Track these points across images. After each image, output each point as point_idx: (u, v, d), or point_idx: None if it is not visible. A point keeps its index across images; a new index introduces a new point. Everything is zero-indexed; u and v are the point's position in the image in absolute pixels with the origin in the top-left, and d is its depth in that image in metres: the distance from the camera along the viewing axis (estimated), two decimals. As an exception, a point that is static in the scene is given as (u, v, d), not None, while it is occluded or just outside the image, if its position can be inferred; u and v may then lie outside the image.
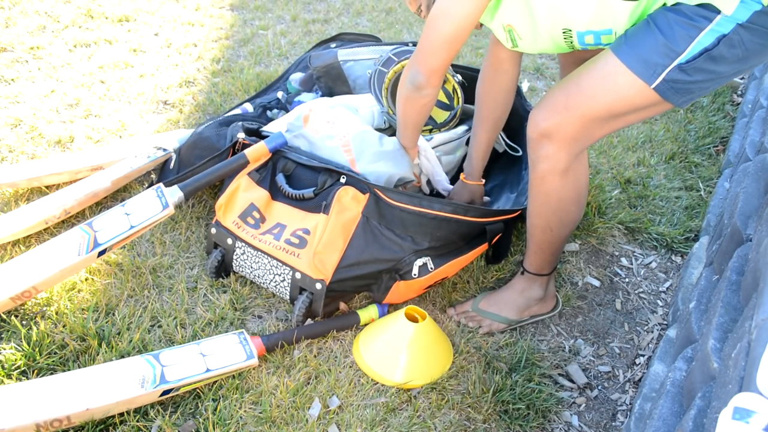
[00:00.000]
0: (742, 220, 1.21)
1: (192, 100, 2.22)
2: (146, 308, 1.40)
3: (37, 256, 1.36)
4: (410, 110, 1.43)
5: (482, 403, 1.29)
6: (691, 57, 1.10)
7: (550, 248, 1.43)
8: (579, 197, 1.37)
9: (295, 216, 1.46)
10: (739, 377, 0.72)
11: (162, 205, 1.40)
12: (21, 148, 1.86)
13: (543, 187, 1.32)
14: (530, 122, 1.27)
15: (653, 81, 1.13)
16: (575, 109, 1.21)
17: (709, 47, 1.09)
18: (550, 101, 1.24)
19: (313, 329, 1.37)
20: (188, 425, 1.17)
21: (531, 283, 1.49)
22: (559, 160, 1.27)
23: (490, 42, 1.49)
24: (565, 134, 1.23)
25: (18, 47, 2.39)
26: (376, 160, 1.50)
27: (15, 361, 1.23)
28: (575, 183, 1.33)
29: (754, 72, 2.70)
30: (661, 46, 1.11)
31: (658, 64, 1.12)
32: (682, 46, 1.10)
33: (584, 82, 1.20)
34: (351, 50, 1.93)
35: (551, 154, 1.26)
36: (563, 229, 1.39)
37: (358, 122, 1.62)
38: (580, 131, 1.23)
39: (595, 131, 1.24)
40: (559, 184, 1.31)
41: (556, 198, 1.33)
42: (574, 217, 1.39)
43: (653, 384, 1.27)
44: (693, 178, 2.12)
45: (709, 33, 1.08)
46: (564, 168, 1.28)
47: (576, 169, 1.31)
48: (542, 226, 1.39)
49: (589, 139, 1.26)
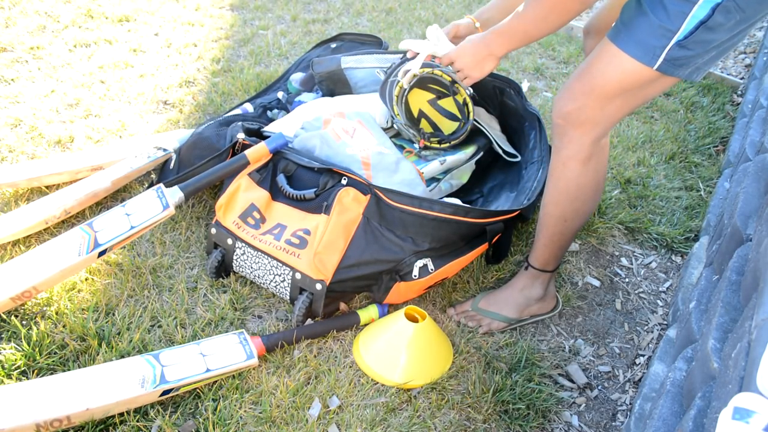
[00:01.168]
0: (742, 220, 1.21)
1: (192, 100, 2.22)
2: (146, 308, 1.40)
3: (37, 256, 1.36)
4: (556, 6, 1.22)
5: (482, 403, 1.29)
6: (688, 32, 1.11)
7: (561, 240, 1.43)
8: (597, 188, 1.39)
9: (295, 216, 1.46)
10: (739, 377, 0.72)
11: (162, 205, 1.40)
12: (21, 148, 1.86)
13: (564, 174, 1.34)
14: (554, 109, 1.31)
15: (654, 63, 1.16)
16: (590, 92, 1.24)
17: (705, 19, 1.10)
18: (568, 88, 1.28)
19: (313, 329, 1.37)
20: (188, 425, 1.17)
21: (533, 280, 1.49)
22: (583, 144, 1.29)
23: None
24: (587, 116, 1.26)
25: (18, 47, 2.39)
26: (391, 184, 1.50)
27: (15, 361, 1.23)
28: (595, 173, 1.35)
29: (754, 72, 2.70)
30: (656, 28, 1.13)
31: (656, 47, 1.14)
32: (677, 23, 1.11)
33: (593, 68, 1.23)
34: (355, 58, 1.91)
35: (576, 139, 1.29)
36: (577, 220, 1.40)
37: (375, 140, 1.61)
38: (598, 112, 1.26)
39: (612, 111, 1.26)
40: (580, 171, 1.32)
41: (576, 185, 1.34)
42: (590, 208, 1.41)
43: (653, 384, 1.27)
44: (693, 178, 2.12)
45: (703, 5, 1.09)
46: (587, 155, 1.30)
47: (598, 157, 1.33)
48: (557, 215, 1.39)
49: (608, 121, 1.28)
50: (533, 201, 1.58)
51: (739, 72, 2.96)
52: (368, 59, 1.91)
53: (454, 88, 1.72)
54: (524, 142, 1.81)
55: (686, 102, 2.58)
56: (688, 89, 2.67)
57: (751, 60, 3.05)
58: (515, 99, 1.85)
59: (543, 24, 1.26)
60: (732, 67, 3.01)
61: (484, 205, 1.74)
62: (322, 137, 1.56)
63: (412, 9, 3.26)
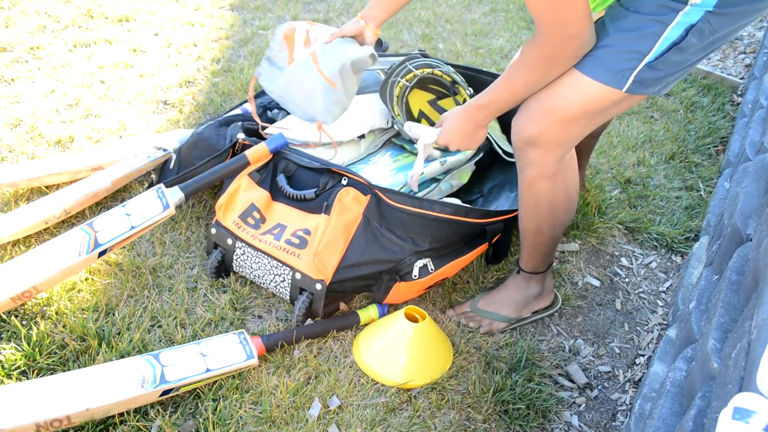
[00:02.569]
0: (742, 220, 1.21)
1: (192, 100, 2.22)
2: (146, 308, 1.40)
3: (37, 256, 1.36)
4: (550, 71, 1.16)
5: (482, 403, 1.29)
6: (659, 53, 1.09)
7: (544, 249, 1.43)
8: (569, 200, 1.36)
9: (295, 216, 1.46)
10: (739, 377, 0.72)
11: (163, 205, 1.40)
12: (21, 148, 1.86)
13: (532, 193, 1.32)
14: (513, 131, 1.27)
15: (623, 86, 1.13)
16: (552, 114, 1.20)
17: (677, 40, 1.07)
18: (528, 110, 1.23)
19: (313, 329, 1.37)
20: (188, 425, 1.17)
21: (527, 281, 1.49)
22: (547, 164, 1.26)
23: None
24: (548, 139, 1.23)
25: (18, 47, 2.39)
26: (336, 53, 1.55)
27: (15, 361, 1.23)
28: (564, 187, 1.32)
29: (754, 72, 2.70)
30: (624, 52, 1.10)
31: (625, 69, 1.11)
32: (649, 45, 1.09)
33: (555, 93, 1.19)
34: None
35: (538, 159, 1.26)
36: (555, 230, 1.39)
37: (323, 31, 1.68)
38: (561, 134, 1.23)
39: (575, 132, 1.24)
40: (548, 190, 1.30)
41: (546, 203, 1.33)
42: (565, 219, 1.39)
43: (653, 384, 1.27)
44: (693, 178, 2.12)
45: (677, 26, 1.06)
46: (552, 173, 1.28)
47: (564, 172, 1.30)
48: (533, 230, 1.39)
49: (572, 141, 1.26)
50: (533, 201, 1.58)
51: (739, 72, 2.96)
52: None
53: (455, 88, 1.72)
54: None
55: (686, 102, 2.58)
56: (688, 89, 2.67)
57: (751, 60, 3.05)
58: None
59: (541, 82, 1.19)
60: (732, 67, 3.01)
61: (484, 205, 1.74)
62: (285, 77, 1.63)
63: (412, 9, 3.26)
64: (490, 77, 1.88)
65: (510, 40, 3.02)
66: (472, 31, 3.07)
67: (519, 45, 2.98)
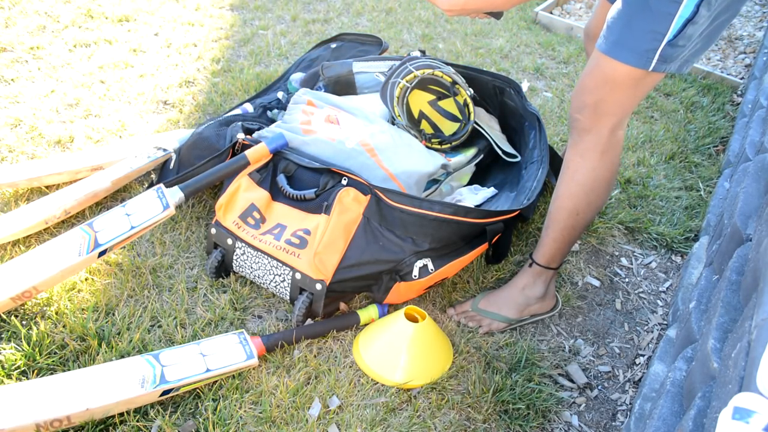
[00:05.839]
0: (742, 220, 1.21)
1: (192, 100, 2.22)
2: (146, 308, 1.40)
3: (37, 256, 1.36)
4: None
5: (482, 403, 1.29)
6: (676, 31, 1.14)
7: (570, 235, 1.44)
8: (610, 182, 1.40)
9: (295, 216, 1.46)
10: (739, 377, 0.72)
11: (163, 205, 1.40)
12: (21, 148, 1.86)
13: (583, 165, 1.35)
14: (573, 102, 1.33)
15: (649, 65, 1.18)
16: (604, 85, 1.26)
17: (690, 16, 1.12)
18: (581, 84, 1.31)
19: (313, 329, 1.37)
20: (188, 425, 1.17)
21: (535, 278, 1.49)
22: (601, 136, 1.31)
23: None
24: (603, 109, 1.28)
25: (18, 47, 2.39)
26: (403, 157, 1.52)
27: (15, 361, 1.23)
28: (611, 165, 1.36)
29: (754, 72, 2.70)
30: (646, 33, 1.15)
31: (648, 50, 1.17)
32: (665, 25, 1.13)
33: (596, 70, 1.26)
34: (367, 63, 1.90)
35: (594, 130, 1.31)
36: (589, 213, 1.41)
37: (360, 121, 1.61)
38: (612, 104, 1.28)
39: (627, 100, 1.28)
40: (597, 164, 1.34)
41: (593, 178, 1.36)
42: (602, 202, 1.42)
43: (653, 384, 1.27)
44: (693, 178, 2.12)
45: (688, 4, 1.11)
46: (604, 147, 1.32)
47: (614, 150, 1.35)
48: (570, 208, 1.40)
49: (623, 110, 1.30)
50: (533, 201, 1.58)
51: (739, 72, 2.96)
52: (380, 65, 1.90)
53: (455, 89, 1.72)
54: (524, 142, 1.81)
55: (686, 102, 2.58)
56: (688, 89, 2.67)
57: (751, 60, 3.05)
58: (515, 99, 1.85)
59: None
60: (732, 67, 3.01)
61: (484, 205, 1.74)
62: (317, 142, 1.56)
63: (412, 9, 3.26)
64: (491, 77, 1.88)
65: (510, 40, 3.02)
66: (472, 31, 3.07)
67: (519, 45, 2.99)
